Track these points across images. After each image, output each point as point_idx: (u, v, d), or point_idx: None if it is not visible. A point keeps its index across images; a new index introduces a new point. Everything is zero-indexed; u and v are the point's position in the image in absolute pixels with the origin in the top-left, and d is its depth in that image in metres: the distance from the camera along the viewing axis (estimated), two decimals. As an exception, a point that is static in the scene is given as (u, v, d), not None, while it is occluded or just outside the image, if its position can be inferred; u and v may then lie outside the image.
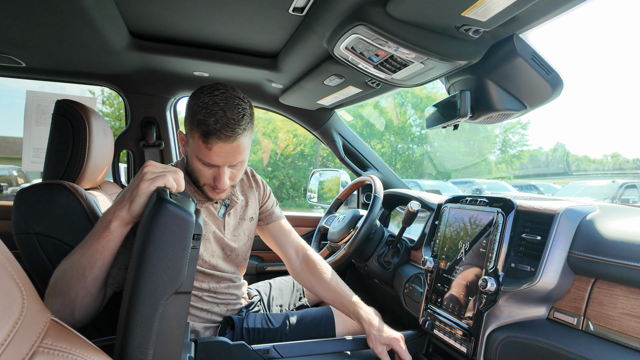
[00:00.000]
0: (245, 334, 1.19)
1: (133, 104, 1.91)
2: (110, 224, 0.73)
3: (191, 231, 0.65)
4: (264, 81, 1.73)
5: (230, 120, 0.98)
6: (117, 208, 0.74)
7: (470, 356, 0.96)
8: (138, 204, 0.71)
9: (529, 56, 1.00)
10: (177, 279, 0.63)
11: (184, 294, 0.66)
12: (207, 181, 1.08)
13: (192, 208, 0.68)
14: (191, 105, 1.02)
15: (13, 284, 0.40)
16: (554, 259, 0.84)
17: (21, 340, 0.39)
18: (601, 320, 0.75)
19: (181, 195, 0.74)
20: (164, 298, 0.62)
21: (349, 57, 1.13)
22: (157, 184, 0.72)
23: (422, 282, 1.27)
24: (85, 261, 0.74)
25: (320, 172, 2.38)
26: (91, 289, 0.76)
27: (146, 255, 0.60)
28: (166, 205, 0.63)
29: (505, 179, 17.42)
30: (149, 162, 0.77)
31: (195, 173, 1.08)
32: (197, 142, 1.01)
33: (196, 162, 1.05)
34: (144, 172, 0.74)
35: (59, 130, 1.09)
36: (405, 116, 18.61)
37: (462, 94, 1.11)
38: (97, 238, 0.74)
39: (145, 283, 0.60)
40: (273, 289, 1.57)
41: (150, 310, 0.60)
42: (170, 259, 0.62)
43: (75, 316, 0.76)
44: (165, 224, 0.62)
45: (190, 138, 1.04)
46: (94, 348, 0.49)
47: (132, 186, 0.74)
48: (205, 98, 1.00)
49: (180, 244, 0.63)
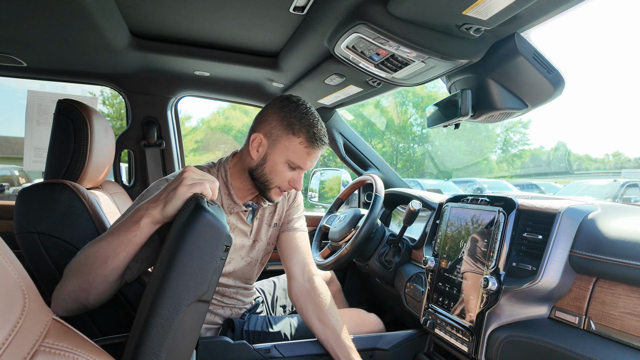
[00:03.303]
0: (245, 337, 1.18)
1: (134, 103, 1.91)
2: (141, 220, 0.75)
3: (223, 242, 0.66)
4: (264, 80, 1.73)
5: (325, 132, 1.13)
6: (151, 206, 0.75)
7: (471, 355, 0.96)
8: (173, 206, 0.72)
9: (530, 55, 1.00)
10: (202, 287, 0.63)
11: (204, 302, 0.66)
12: (281, 183, 1.13)
13: (225, 219, 0.69)
14: (285, 115, 1.10)
15: (14, 283, 0.40)
16: (555, 258, 0.84)
17: (22, 340, 0.39)
18: (603, 320, 0.75)
19: (215, 205, 0.74)
20: (186, 304, 0.62)
21: (350, 56, 1.12)
22: (194, 190, 0.73)
23: (423, 281, 1.27)
24: (110, 250, 0.76)
25: (321, 172, 2.37)
26: (109, 277, 0.77)
27: (176, 260, 0.61)
28: (204, 214, 0.63)
29: (507, 178, 17.41)
30: (189, 167, 0.78)
31: (274, 175, 1.12)
32: (296, 147, 1.09)
33: (282, 165, 1.11)
34: (184, 177, 0.75)
35: (61, 129, 1.09)
36: (406, 115, 18.59)
37: (463, 93, 1.11)
38: (126, 231, 0.75)
39: (171, 287, 0.60)
40: (277, 289, 1.56)
41: (171, 314, 0.60)
42: (198, 267, 0.62)
43: (89, 299, 0.78)
44: (201, 231, 0.62)
45: (286, 142, 1.10)
46: (96, 348, 0.49)
47: (169, 188, 0.75)
48: (300, 108, 1.11)
49: (210, 253, 0.64)
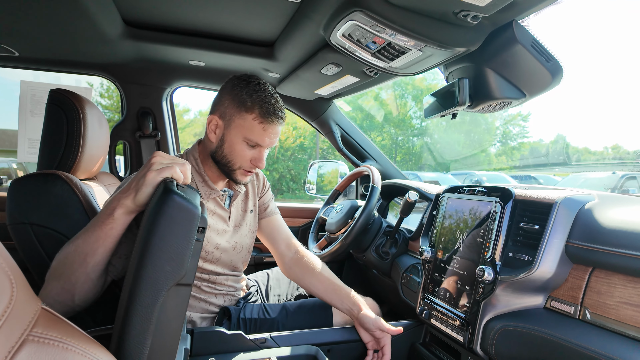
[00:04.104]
0: (242, 324, 1.19)
1: (129, 94, 1.89)
2: (114, 212, 0.73)
3: (196, 224, 0.64)
4: (260, 70, 1.71)
5: (281, 105, 1.12)
6: (123, 196, 0.74)
7: (467, 345, 0.96)
8: (144, 193, 0.71)
9: (529, 43, 0.98)
10: (180, 271, 0.62)
11: (185, 286, 0.65)
12: (243, 163, 1.13)
13: (198, 200, 0.68)
14: (236, 93, 1.09)
15: (1, 272, 0.39)
16: (551, 248, 0.83)
17: (10, 329, 0.39)
18: (598, 309, 0.75)
19: (187, 188, 0.73)
20: (165, 289, 0.61)
21: (346, 44, 1.11)
22: (164, 175, 0.72)
23: (420, 272, 1.27)
24: (87, 247, 0.75)
25: (319, 164, 2.37)
26: (92, 275, 0.76)
27: (150, 246, 0.60)
28: (173, 197, 0.62)
29: (505, 170, 17.42)
30: (157, 153, 0.76)
31: (233, 155, 1.12)
32: (250, 123, 1.08)
33: (240, 144, 1.11)
34: (152, 162, 0.74)
35: (53, 120, 1.07)
36: (405, 108, 18.54)
37: (461, 82, 1.10)
38: (101, 225, 0.74)
39: (148, 273, 0.60)
40: (271, 279, 1.57)
41: (151, 301, 0.60)
42: (173, 251, 0.61)
43: (75, 300, 0.77)
44: (171, 215, 0.61)
45: (239, 120, 1.09)
46: (86, 337, 0.49)
47: (138, 175, 0.74)
48: (251, 85, 1.10)
49: (184, 236, 0.62)
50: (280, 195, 14.68)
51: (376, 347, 1.15)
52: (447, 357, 1.11)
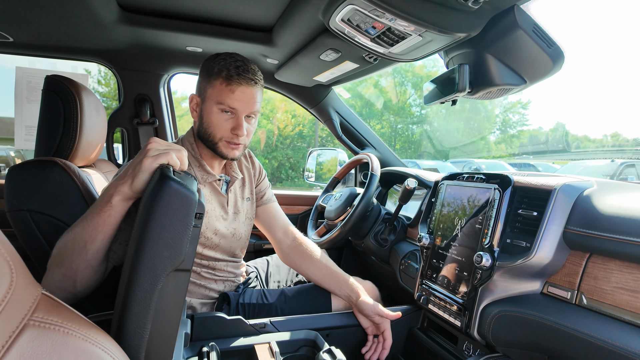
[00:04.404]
0: (241, 310, 1.20)
1: (126, 80, 1.87)
2: (111, 199, 0.73)
3: (194, 210, 0.64)
4: (258, 56, 1.69)
5: (251, 68, 1.10)
6: (119, 183, 0.73)
7: (464, 330, 0.97)
8: (140, 180, 0.71)
9: (530, 28, 0.97)
10: (178, 257, 0.63)
11: (184, 271, 0.66)
12: (224, 134, 1.12)
13: (195, 186, 0.67)
14: (207, 66, 1.10)
15: (1, 258, 0.39)
16: (549, 234, 0.84)
17: (10, 314, 0.39)
18: (594, 294, 0.76)
19: (184, 174, 0.73)
20: (164, 274, 0.62)
21: (345, 29, 1.09)
22: (160, 161, 0.72)
23: (418, 258, 1.28)
24: (86, 235, 0.75)
25: (318, 152, 2.36)
26: (92, 262, 0.77)
27: (147, 232, 0.60)
28: (170, 183, 0.62)
29: (504, 158, 17.41)
30: (153, 139, 0.76)
31: (212, 127, 1.11)
32: (218, 89, 1.08)
33: (215, 113, 1.10)
34: (148, 149, 0.73)
35: (49, 106, 1.06)
36: (405, 96, 18.41)
37: (461, 68, 1.09)
38: (99, 212, 0.74)
39: (146, 259, 0.60)
40: (271, 266, 1.58)
41: (150, 286, 0.60)
42: (171, 237, 0.61)
43: (76, 287, 0.77)
44: (168, 201, 0.61)
45: (210, 89, 1.09)
46: (87, 322, 0.49)
47: (134, 162, 0.73)
48: (220, 56, 1.10)
49: (182, 222, 0.62)
50: (279, 184, 14.68)
51: (375, 332, 1.16)
52: (445, 342, 1.13)
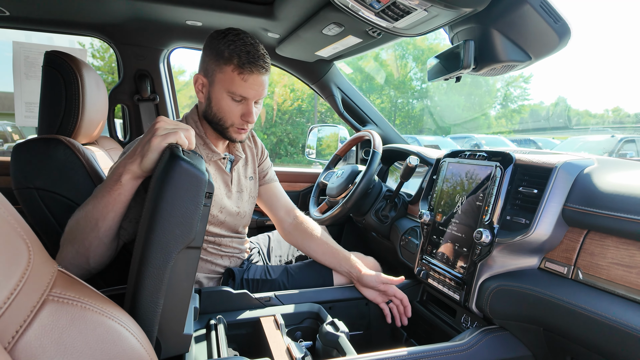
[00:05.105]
0: (246, 285, 1.24)
1: (125, 55, 1.84)
2: (121, 177, 0.74)
3: (204, 189, 0.65)
4: (259, 30, 1.66)
5: (262, 54, 1.06)
6: (129, 162, 0.74)
7: (462, 303, 1.01)
8: (150, 159, 0.72)
9: (538, 3, 0.95)
10: (189, 235, 0.64)
11: (195, 249, 0.67)
12: (235, 120, 1.10)
13: (204, 166, 0.68)
14: (214, 46, 1.06)
15: (18, 237, 0.40)
16: (549, 211, 0.85)
17: (30, 290, 0.40)
18: (590, 270, 0.78)
19: (192, 153, 0.73)
20: (175, 252, 0.63)
21: (349, 3, 1.07)
22: (168, 140, 0.72)
23: (418, 234, 1.30)
24: (97, 213, 0.76)
25: (318, 128, 2.35)
26: (104, 239, 0.78)
27: (159, 211, 0.61)
28: (180, 163, 0.62)
29: (505, 133, 17.33)
30: (160, 118, 0.76)
31: (222, 112, 1.09)
32: (230, 76, 1.04)
33: (225, 100, 1.07)
34: (156, 128, 0.73)
35: (50, 83, 1.05)
36: (406, 69, 18.10)
37: (466, 44, 1.07)
38: (109, 190, 0.75)
39: (158, 237, 0.61)
40: (272, 241, 1.61)
41: (162, 263, 0.62)
42: (182, 215, 0.63)
43: (90, 263, 0.79)
44: (179, 181, 0.62)
45: (220, 74, 1.05)
46: (102, 297, 0.51)
47: (143, 141, 0.74)
48: (229, 37, 1.05)
49: (192, 202, 0.63)
50: (278, 159, 14.66)
51: (385, 300, 1.20)
52: (443, 314, 1.17)
